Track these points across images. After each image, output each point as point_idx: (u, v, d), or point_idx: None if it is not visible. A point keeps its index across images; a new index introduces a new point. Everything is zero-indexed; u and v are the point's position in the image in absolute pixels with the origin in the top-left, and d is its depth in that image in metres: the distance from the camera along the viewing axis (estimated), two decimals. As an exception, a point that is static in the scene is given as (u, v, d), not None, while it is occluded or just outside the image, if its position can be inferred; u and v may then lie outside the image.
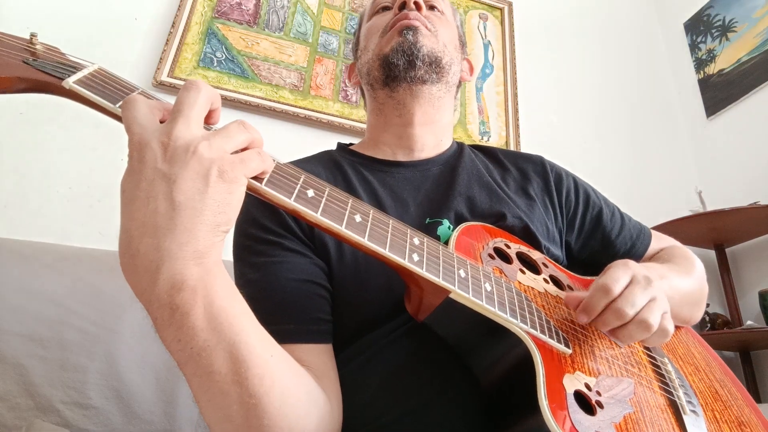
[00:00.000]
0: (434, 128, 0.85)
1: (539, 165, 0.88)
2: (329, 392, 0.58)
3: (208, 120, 0.46)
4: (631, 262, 0.60)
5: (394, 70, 0.79)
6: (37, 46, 0.47)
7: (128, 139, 0.41)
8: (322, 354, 0.62)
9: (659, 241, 0.91)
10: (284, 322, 0.61)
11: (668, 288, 0.69)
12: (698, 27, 2.51)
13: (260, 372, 0.44)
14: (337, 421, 0.57)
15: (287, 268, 0.65)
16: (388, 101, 0.83)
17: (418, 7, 0.83)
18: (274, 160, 0.47)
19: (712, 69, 2.39)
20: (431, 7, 0.88)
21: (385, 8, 0.88)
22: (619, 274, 0.57)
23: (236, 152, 0.43)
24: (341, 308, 0.67)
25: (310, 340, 0.61)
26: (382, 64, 0.81)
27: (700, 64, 2.46)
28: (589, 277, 0.77)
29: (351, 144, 0.92)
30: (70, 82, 0.44)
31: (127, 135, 0.41)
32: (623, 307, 0.54)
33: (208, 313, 0.40)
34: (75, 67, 0.46)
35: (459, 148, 0.88)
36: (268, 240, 0.67)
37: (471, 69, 0.97)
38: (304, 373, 0.53)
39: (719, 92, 2.33)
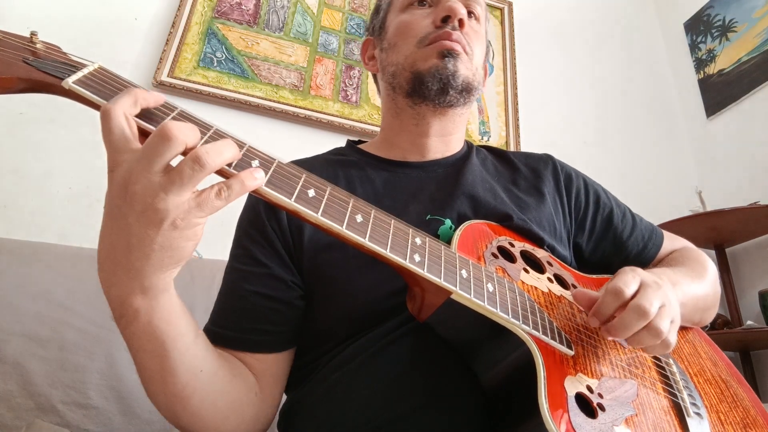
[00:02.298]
0: (449, 139, 0.84)
1: (550, 164, 0.87)
2: (266, 393, 0.66)
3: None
4: (639, 269, 0.60)
5: (424, 91, 0.76)
6: (38, 45, 0.46)
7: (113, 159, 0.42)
8: (261, 360, 0.67)
9: (671, 241, 0.90)
10: (228, 328, 0.67)
11: (682, 295, 0.68)
12: (698, 27, 2.51)
13: (184, 381, 0.53)
14: (265, 420, 0.66)
15: (246, 277, 0.69)
16: (408, 110, 0.81)
17: (461, 24, 0.78)
18: (274, 159, 0.47)
19: (712, 69, 2.39)
20: (469, 13, 0.82)
21: (422, 1, 0.82)
22: (629, 278, 0.57)
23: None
24: (334, 308, 0.67)
25: (248, 348, 0.66)
26: (413, 79, 0.77)
27: (700, 64, 2.46)
28: (594, 276, 0.76)
29: (361, 142, 0.91)
30: (70, 82, 0.43)
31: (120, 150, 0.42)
32: (643, 304, 0.53)
33: (147, 328, 0.48)
34: (75, 67, 0.45)
35: (468, 149, 0.87)
36: (243, 245, 0.72)
37: (485, 74, 0.91)
38: (238, 383, 0.61)
39: (719, 92, 2.33)
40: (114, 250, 0.43)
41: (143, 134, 0.44)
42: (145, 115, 0.45)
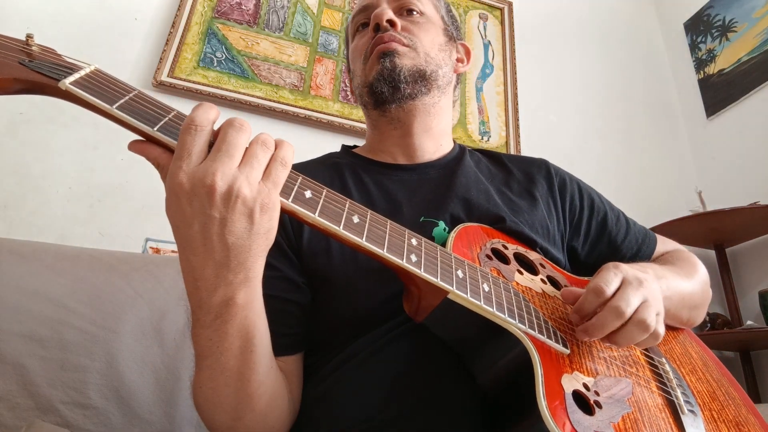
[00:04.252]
0: (433, 133, 0.85)
1: (543, 169, 0.88)
2: (293, 394, 0.65)
3: None
4: (622, 265, 0.61)
5: (380, 96, 0.79)
6: (33, 47, 0.46)
7: (175, 167, 0.42)
8: (285, 363, 0.66)
9: (664, 244, 0.92)
10: None
11: (666, 288, 0.69)
12: (698, 27, 2.51)
13: (261, 378, 0.54)
14: (294, 421, 0.65)
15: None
16: (382, 119, 0.83)
17: (392, 24, 0.81)
18: None
19: (712, 69, 2.39)
20: (409, 11, 0.85)
21: (365, 24, 0.87)
22: (610, 276, 0.57)
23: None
24: (332, 311, 0.67)
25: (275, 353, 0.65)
26: (370, 92, 0.81)
27: (700, 64, 2.46)
28: (587, 278, 0.77)
29: (355, 146, 0.92)
30: (67, 83, 0.43)
31: (175, 156, 0.42)
32: (620, 305, 0.54)
33: (242, 324, 0.49)
34: (71, 68, 0.45)
35: (460, 151, 0.88)
36: None
37: (468, 53, 0.94)
38: (284, 381, 0.62)
39: (719, 92, 2.33)
40: (213, 254, 0.44)
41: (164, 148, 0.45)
42: (165, 128, 0.45)
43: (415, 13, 0.86)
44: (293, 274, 0.69)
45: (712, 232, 2.01)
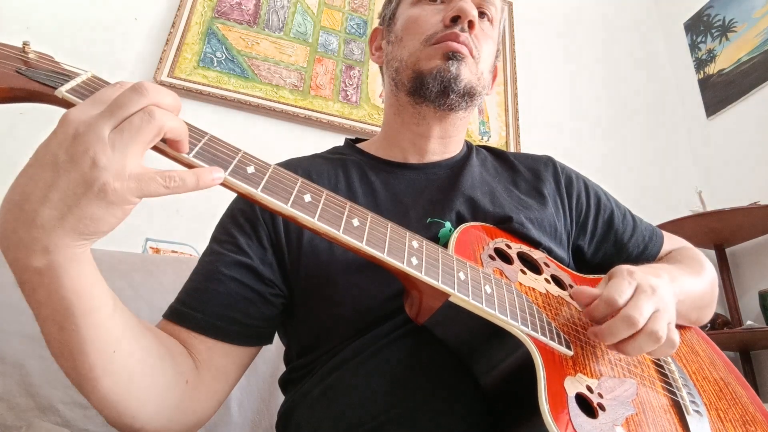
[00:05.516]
0: (448, 141, 0.83)
1: (550, 166, 0.87)
2: (203, 384, 0.61)
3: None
4: (636, 270, 0.59)
5: (424, 92, 0.75)
6: (30, 55, 0.45)
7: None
8: (212, 348, 0.63)
9: (670, 241, 0.91)
10: (193, 308, 0.63)
11: (679, 291, 0.68)
12: (698, 27, 2.51)
13: (92, 360, 0.47)
14: (193, 412, 0.60)
15: (225, 261, 0.67)
16: (409, 108, 0.79)
17: (470, 26, 0.75)
18: (269, 165, 0.47)
19: (712, 69, 2.39)
20: (481, 14, 0.80)
21: None
22: (624, 285, 0.56)
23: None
24: (334, 309, 0.67)
25: (205, 332, 0.63)
26: (415, 78, 0.75)
27: (700, 64, 2.46)
28: (591, 276, 0.76)
29: (360, 140, 0.90)
30: (63, 91, 0.43)
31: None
32: (632, 314, 0.53)
33: (54, 298, 0.43)
34: (68, 76, 0.45)
35: (468, 150, 0.87)
36: (228, 231, 0.70)
37: (495, 77, 0.90)
38: (153, 371, 0.54)
39: (719, 92, 2.33)
40: (27, 200, 0.39)
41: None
42: None
43: (486, 18, 0.80)
44: (262, 268, 0.67)
45: (712, 232, 2.01)
